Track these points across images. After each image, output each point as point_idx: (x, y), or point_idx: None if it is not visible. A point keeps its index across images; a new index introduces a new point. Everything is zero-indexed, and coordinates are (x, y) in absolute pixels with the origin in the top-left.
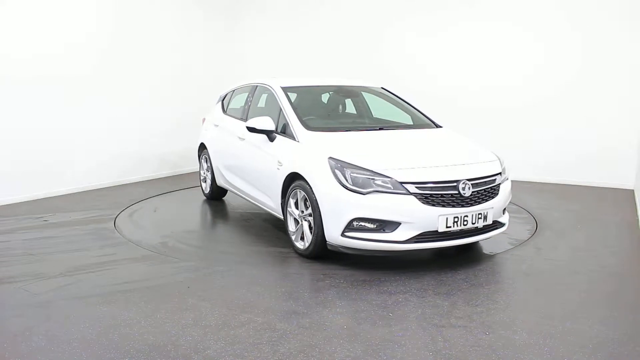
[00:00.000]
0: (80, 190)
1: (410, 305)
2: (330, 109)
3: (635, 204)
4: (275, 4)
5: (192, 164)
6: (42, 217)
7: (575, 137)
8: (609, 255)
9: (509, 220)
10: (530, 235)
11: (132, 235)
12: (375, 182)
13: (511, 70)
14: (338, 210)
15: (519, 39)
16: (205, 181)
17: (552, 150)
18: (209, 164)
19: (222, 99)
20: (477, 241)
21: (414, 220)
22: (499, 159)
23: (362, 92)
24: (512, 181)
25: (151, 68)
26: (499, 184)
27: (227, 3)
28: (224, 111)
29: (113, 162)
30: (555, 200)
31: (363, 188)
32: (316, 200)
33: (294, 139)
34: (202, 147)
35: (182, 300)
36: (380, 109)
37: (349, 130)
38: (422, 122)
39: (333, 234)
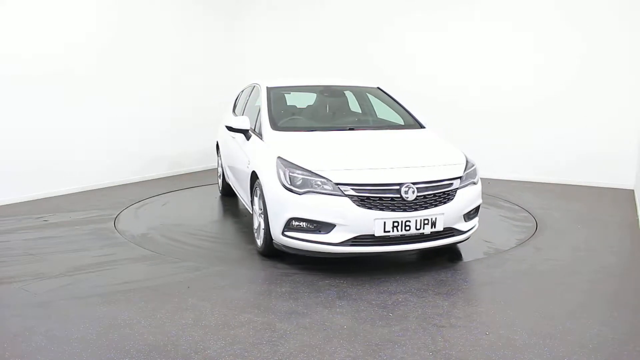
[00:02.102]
0: (80, 190)
1: (410, 305)
2: (317, 108)
3: (635, 204)
4: (275, 4)
5: (195, 164)
6: (42, 217)
7: (576, 137)
8: (609, 255)
9: (512, 228)
10: (530, 235)
11: (122, 225)
12: (313, 182)
13: (511, 71)
14: (278, 209)
15: (519, 39)
16: (220, 177)
17: (553, 150)
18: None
19: (235, 98)
20: (424, 249)
21: (348, 222)
22: (467, 163)
23: (355, 92)
24: (512, 181)
25: (151, 68)
26: (456, 188)
27: (227, 3)
28: (233, 110)
29: (113, 162)
30: (555, 200)
31: (300, 188)
32: (264, 198)
33: (261, 138)
34: (218, 146)
35: (182, 300)
36: (374, 108)
37: (318, 130)
38: (409, 122)
39: (276, 233)
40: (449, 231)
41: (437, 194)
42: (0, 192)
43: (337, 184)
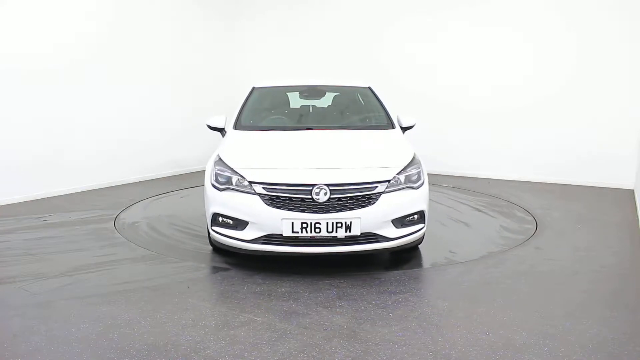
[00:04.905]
0: (80, 190)
1: (410, 305)
2: (296, 108)
3: (635, 204)
4: (275, 5)
5: (195, 164)
6: (42, 217)
7: (576, 137)
8: (609, 255)
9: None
10: (530, 235)
11: (124, 212)
12: (232, 180)
13: (511, 71)
14: (207, 205)
15: (519, 39)
16: None
17: (552, 150)
18: None
19: None
20: (341, 253)
21: (258, 221)
22: (409, 166)
23: (343, 92)
24: (512, 181)
25: (151, 69)
26: (380, 192)
27: (227, 3)
28: None
29: (113, 162)
30: (556, 200)
31: (221, 185)
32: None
33: (225, 136)
34: None
35: (182, 300)
36: (359, 108)
37: (276, 130)
38: (384, 122)
39: (209, 227)
40: (371, 237)
41: (355, 196)
42: (0, 192)
43: (250, 182)
